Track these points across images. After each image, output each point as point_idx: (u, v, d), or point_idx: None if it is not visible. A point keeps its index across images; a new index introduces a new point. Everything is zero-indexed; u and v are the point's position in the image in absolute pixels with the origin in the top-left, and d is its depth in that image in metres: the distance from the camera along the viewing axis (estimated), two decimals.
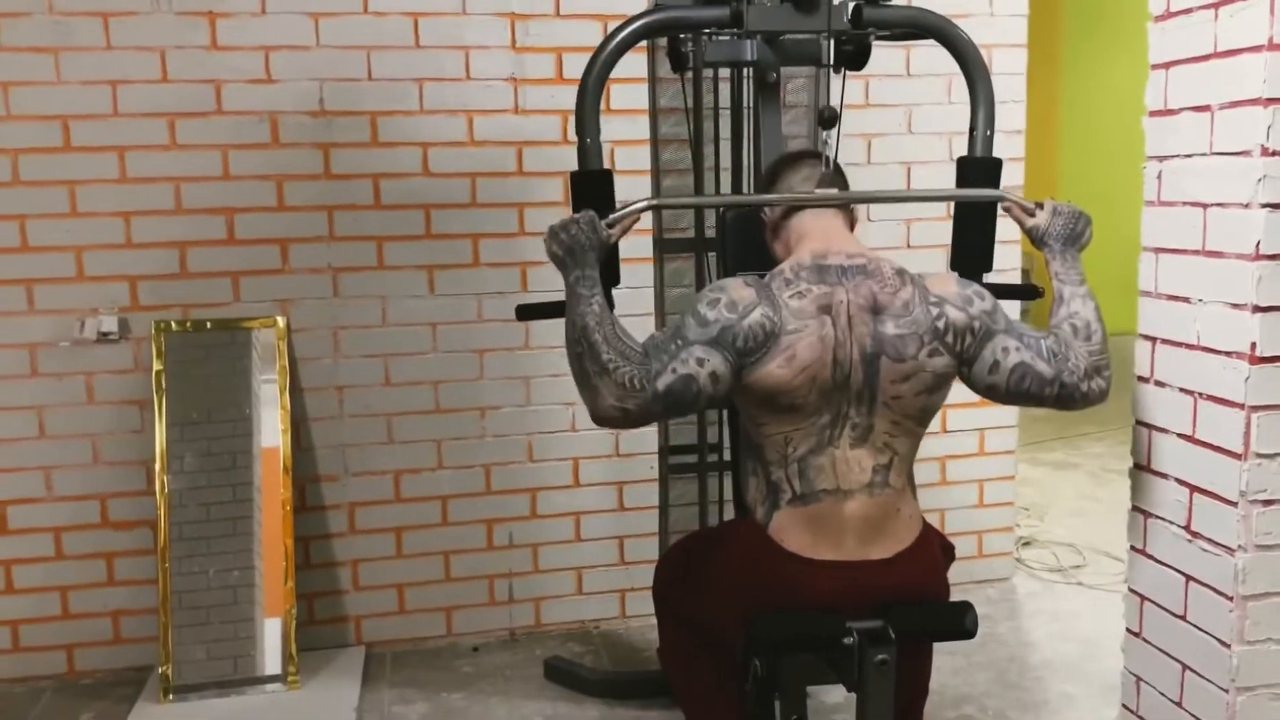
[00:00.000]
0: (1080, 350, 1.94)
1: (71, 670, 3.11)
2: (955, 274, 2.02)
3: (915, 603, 1.92)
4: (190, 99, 2.97)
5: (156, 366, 2.98)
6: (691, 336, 1.83)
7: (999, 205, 2.17)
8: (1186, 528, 2.03)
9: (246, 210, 3.04)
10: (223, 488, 3.00)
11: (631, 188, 3.06)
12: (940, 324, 1.87)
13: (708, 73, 2.80)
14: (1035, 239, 2.07)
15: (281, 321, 3.06)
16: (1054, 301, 2.03)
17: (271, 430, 3.03)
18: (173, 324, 3.01)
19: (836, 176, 2.05)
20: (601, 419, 1.83)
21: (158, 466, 2.95)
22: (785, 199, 2.03)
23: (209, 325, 3.04)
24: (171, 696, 2.88)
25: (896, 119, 3.38)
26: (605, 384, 1.80)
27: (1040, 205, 2.07)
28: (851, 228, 2.03)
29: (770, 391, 1.84)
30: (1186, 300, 2.02)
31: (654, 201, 2.09)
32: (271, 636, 2.97)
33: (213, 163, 3.01)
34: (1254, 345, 1.86)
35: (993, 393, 1.95)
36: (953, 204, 2.34)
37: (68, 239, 2.96)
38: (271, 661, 2.96)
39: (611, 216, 1.94)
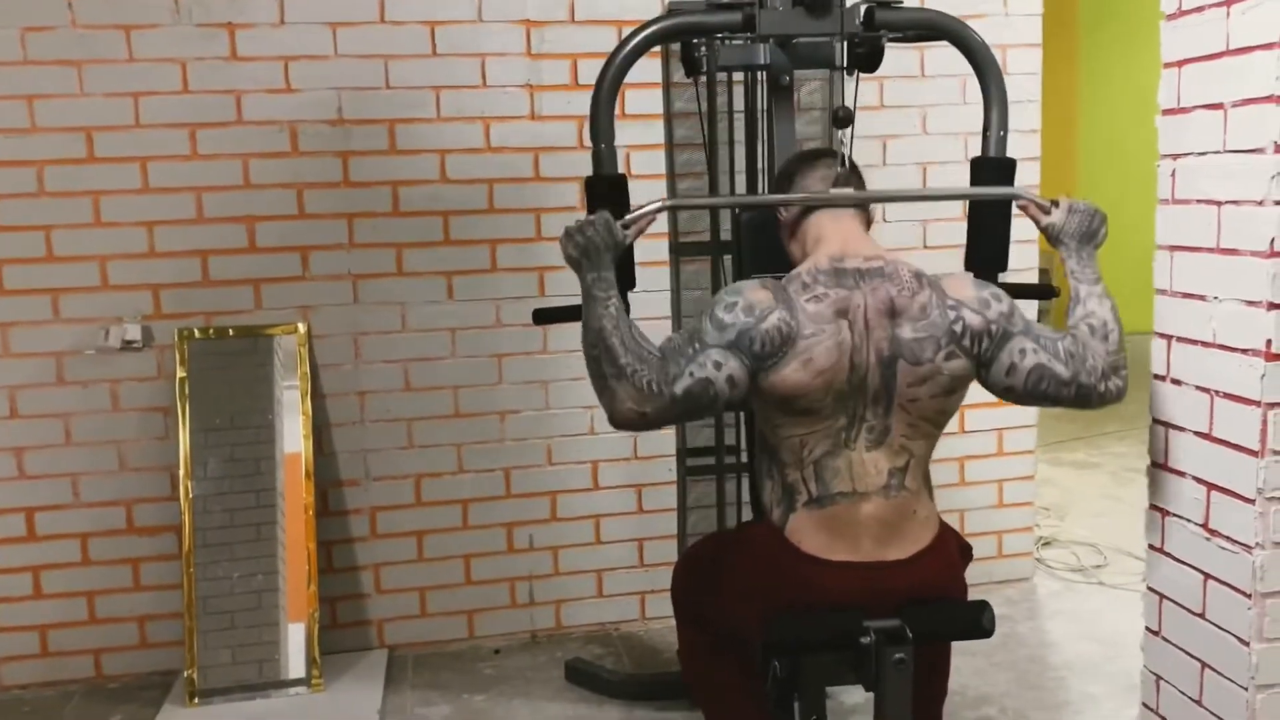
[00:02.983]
0: (1098, 350, 1.95)
1: (99, 674, 3.15)
2: (972, 275, 2.02)
3: (932, 602, 1.92)
4: (211, 109, 3.01)
5: (180, 374, 3.02)
6: (709, 340, 1.84)
7: (1014, 203, 2.17)
8: (1204, 526, 2.03)
9: (267, 218, 3.08)
10: (246, 493, 3.04)
11: (647, 192, 3.06)
12: (957, 328, 1.88)
13: (721, 77, 2.81)
14: (1051, 237, 2.07)
15: (302, 328, 3.10)
16: (1070, 301, 2.03)
17: (293, 436, 3.06)
18: (195, 331, 3.05)
19: (853, 176, 2.04)
20: (619, 423, 1.84)
21: (182, 472, 2.99)
22: (801, 199, 2.04)
23: (231, 332, 3.07)
24: (197, 700, 2.92)
25: (911, 120, 3.39)
26: (623, 388, 1.82)
27: (1056, 203, 2.07)
28: (868, 227, 2.04)
29: (787, 395, 1.85)
30: (1202, 298, 2.02)
31: (669, 202, 2.11)
32: (295, 640, 3.00)
33: (233, 172, 3.04)
34: (1269, 342, 1.85)
35: (1010, 394, 1.96)
36: (968, 204, 2.34)
37: (92, 249, 3.00)
38: (295, 665, 2.99)
39: (627, 218, 1.96)
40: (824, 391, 1.84)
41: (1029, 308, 3.45)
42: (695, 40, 2.48)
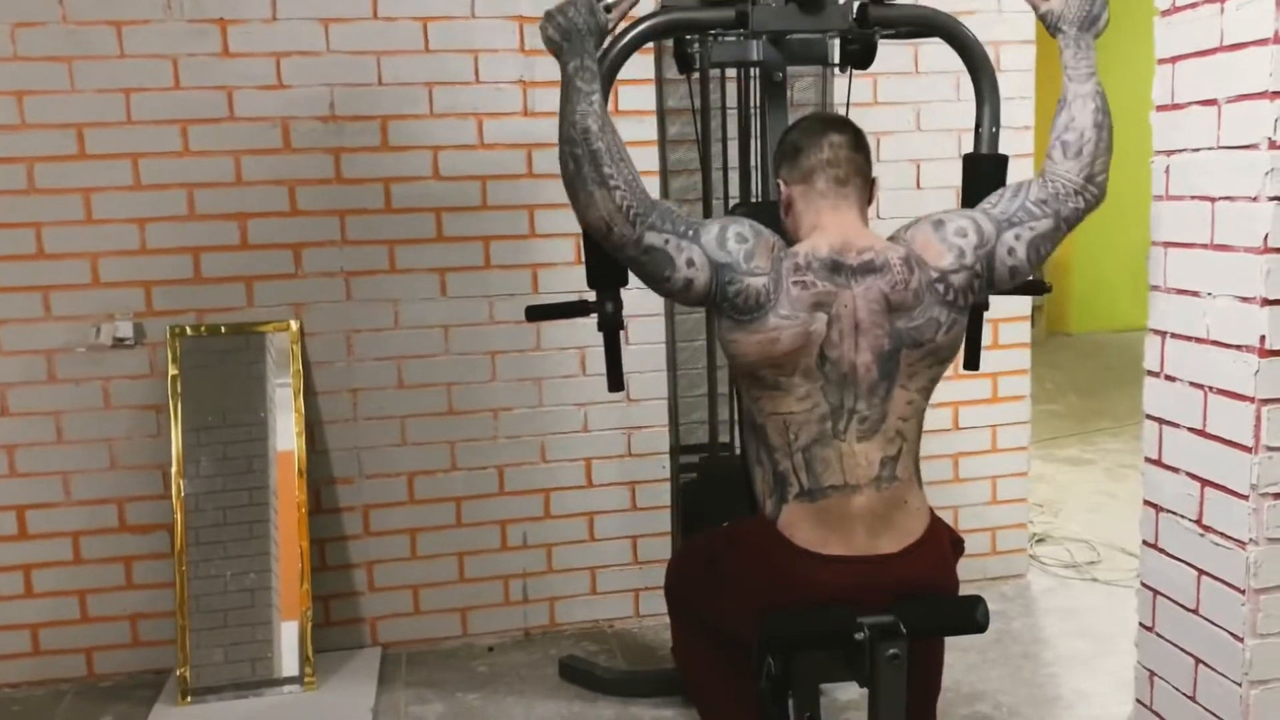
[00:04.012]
0: (1070, 171, 1.90)
1: (91, 673, 3.13)
2: (930, 222, 1.93)
3: (926, 597, 1.92)
4: (202, 105, 3.00)
5: (172, 371, 3.00)
6: (704, 240, 1.84)
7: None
8: (1198, 521, 2.03)
9: (259, 215, 3.07)
10: (238, 491, 3.03)
11: None
12: (950, 297, 1.87)
13: (715, 73, 2.81)
14: (1050, 25, 1.98)
15: (295, 325, 3.09)
16: (1058, 103, 1.95)
17: (286, 433, 3.05)
18: (187, 329, 3.04)
19: (857, 153, 1.97)
20: (587, 225, 1.84)
21: (174, 470, 2.98)
22: None
23: (223, 330, 3.06)
24: (189, 698, 2.91)
25: (905, 117, 3.38)
26: (603, 197, 1.79)
27: None
28: (870, 202, 2.00)
29: (750, 362, 1.86)
30: (1196, 294, 2.02)
31: None
32: (288, 638, 2.99)
33: (225, 168, 3.03)
34: (1263, 338, 1.86)
35: (1024, 278, 1.96)
36: (962, 200, 2.34)
37: (83, 245, 2.99)
38: (288, 663, 2.98)
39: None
40: (790, 369, 1.84)
41: (1023, 300, 3.47)
42: (688, 37, 2.48)
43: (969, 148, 2.34)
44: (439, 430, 3.23)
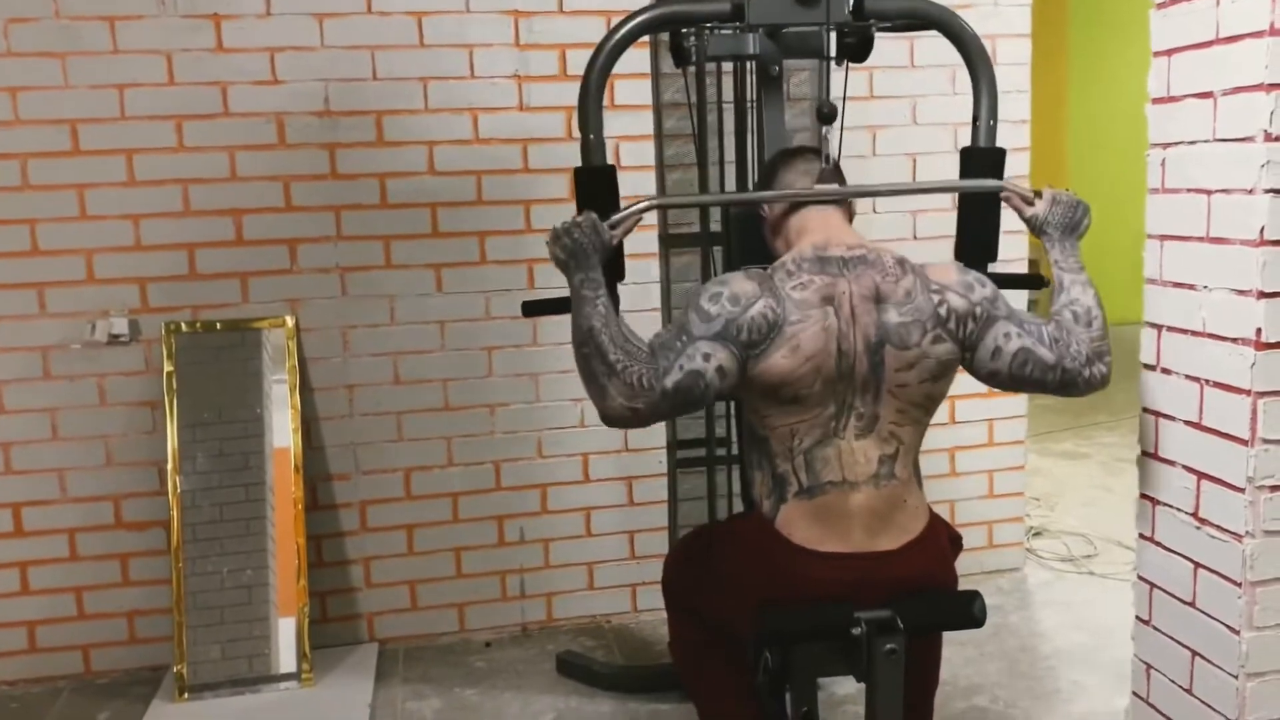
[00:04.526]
0: (1082, 336, 1.95)
1: (88, 670, 3.13)
2: (956, 262, 2.03)
3: (923, 592, 1.92)
4: (197, 101, 2.99)
5: (167, 368, 3.00)
6: (696, 332, 1.84)
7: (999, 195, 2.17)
8: (1194, 514, 2.03)
9: (254, 211, 3.06)
10: (235, 488, 3.02)
11: (636, 183, 3.07)
12: (942, 310, 1.88)
13: (711, 67, 2.80)
14: (1034, 228, 2.07)
15: (291, 321, 3.08)
16: (1054, 289, 2.03)
17: (283, 430, 3.05)
18: (183, 325, 3.03)
19: (835, 173, 2.05)
20: (611, 419, 1.83)
21: (170, 467, 2.97)
22: (787, 195, 2.04)
23: (219, 326, 3.05)
24: (187, 695, 2.91)
25: (901, 110, 3.38)
26: (614, 384, 1.81)
27: (1039, 194, 2.07)
28: (850, 219, 2.04)
29: (775, 383, 1.85)
30: (1192, 287, 2.02)
31: (655, 201, 2.09)
32: (285, 634, 2.99)
33: (220, 164, 3.02)
34: (1259, 331, 1.85)
35: (995, 379, 1.96)
36: (958, 195, 2.34)
37: (78, 242, 2.98)
38: (286, 659, 2.98)
39: (614, 218, 1.94)
40: (812, 378, 1.84)
41: (1018, 298, 3.47)
42: (684, 30, 2.47)
43: (966, 141, 2.33)
44: (435, 426, 3.23)
